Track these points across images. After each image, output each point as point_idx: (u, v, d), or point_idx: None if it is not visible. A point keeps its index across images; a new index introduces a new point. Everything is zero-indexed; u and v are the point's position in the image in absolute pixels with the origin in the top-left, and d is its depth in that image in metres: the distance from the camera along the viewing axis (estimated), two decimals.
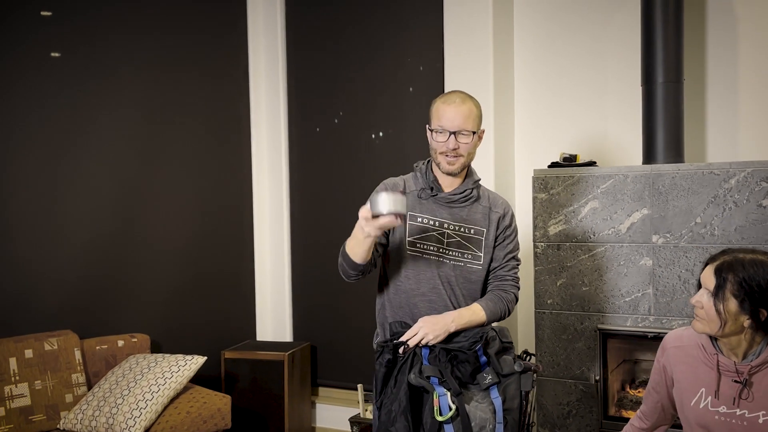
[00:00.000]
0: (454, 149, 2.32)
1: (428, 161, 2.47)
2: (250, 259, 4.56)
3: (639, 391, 3.48)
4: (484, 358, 2.22)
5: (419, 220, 2.39)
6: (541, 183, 3.45)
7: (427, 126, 2.41)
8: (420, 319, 2.28)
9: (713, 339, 2.04)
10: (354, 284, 4.33)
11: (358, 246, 2.25)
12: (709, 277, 1.96)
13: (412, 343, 2.23)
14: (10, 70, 3.35)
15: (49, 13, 3.47)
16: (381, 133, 4.30)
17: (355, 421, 3.88)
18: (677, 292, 3.19)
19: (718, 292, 1.92)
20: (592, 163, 3.45)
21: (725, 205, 3.09)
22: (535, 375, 2.24)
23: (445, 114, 2.33)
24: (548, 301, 3.46)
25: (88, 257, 3.65)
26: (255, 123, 4.56)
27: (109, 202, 3.74)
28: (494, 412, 2.13)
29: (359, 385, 4.03)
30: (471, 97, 2.38)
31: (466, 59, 3.78)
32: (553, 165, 3.50)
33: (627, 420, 3.00)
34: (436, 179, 2.43)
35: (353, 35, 4.34)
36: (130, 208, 3.84)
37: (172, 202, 4.06)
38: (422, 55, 4.13)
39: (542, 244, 3.46)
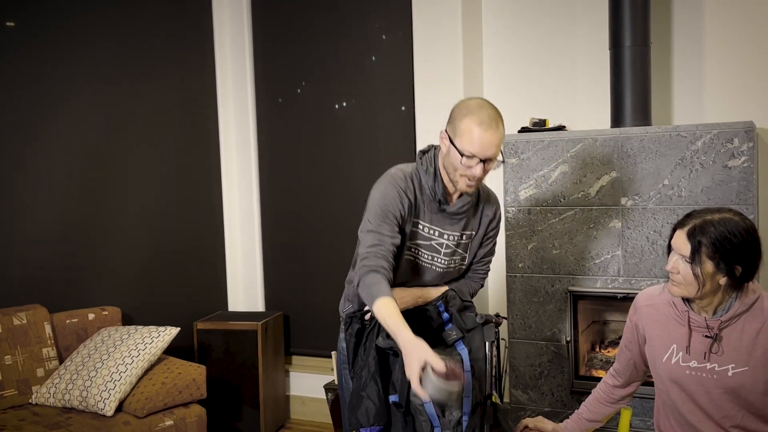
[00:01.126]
0: (480, 176, 2.19)
1: (436, 171, 2.28)
2: (220, 231, 4.52)
3: (609, 351, 3.55)
4: (446, 315, 2.29)
5: (420, 227, 2.33)
6: (511, 147, 3.47)
7: (448, 136, 2.19)
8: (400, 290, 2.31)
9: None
10: (326, 254, 4.38)
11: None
12: (682, 243, 1.97)
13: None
14: None
15: None
16: (345, 103, 4.27)
17: (329, 387, 3.91)
18: (645, 254, 3.25)
19: (694, 257, 1.93)
20: (561, 128, 3.48)
21: (692, 166, 3.14)
22: (497, 327, 2.32)
23: (481, 141, 2.12)
24: (519, 265, 3.50)
25: (56, 231, 3.58)
26: (222, 94, 4.50)
27: (77, 175, 3.67)
28: (461, 362, 2.18)
29: (333, 353, 4.04)
30: (500, 114, 2.18)
31: (434, 27, 3.76)
32: (523, 130, 3.52)
33: (598, 379, 3.06)
34: (444, 192, 2.29)
35: (318, 4, 4.29)
36: (98, 181, 3.77)
37: (141, 175, 4.00)
38: (386, 24, 4.11)
39: (513, 208, 3.48)
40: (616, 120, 3.38)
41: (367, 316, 2.29)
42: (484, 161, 2.16)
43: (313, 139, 4.38)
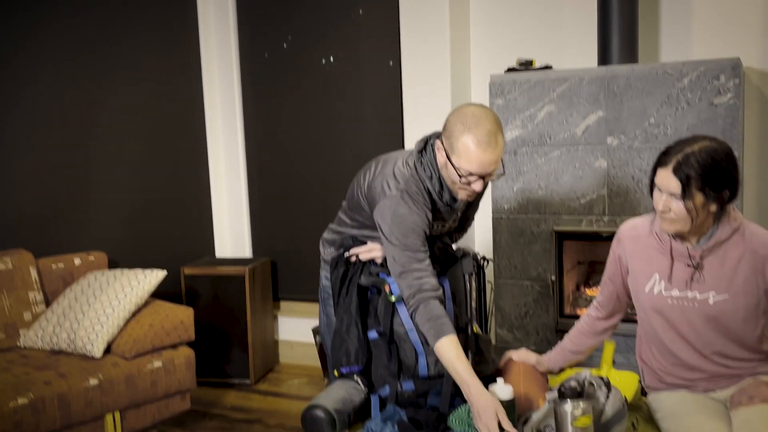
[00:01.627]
0: (480, 191, 2.15)
1: (440, 179, 2.19)
2: (205, 177, 4.50)
3: (593, 291, 3.58)
4: None
5: (433, 227, 2.29)
6: (497, 88, 3.44)
7: (443, 146, 2.12)
8: (370, 242, 2.34)
9: None
10: (311, 201, 4.37)
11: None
12: (668, 180, 1.93)
13: (363, 258, 2.32)
14: None
15: None
16: (332, 58, 4.22)
17: (317, 330, 3.93)
18: (631, 192, 3.25)
19: (685, 192, 1.92)
20: (548, 67, 3.45)
21: (678, 104, 3.13)
22: (474, 261, 2.39)
23: (478, 160, 2.04)
24: (505, 206, 3.50)
25: (41, 176, 3.55)
26: (205, 44, 4.43)
27: (63, 120, 3.63)
28: (443, 290, 2.21)
29: None
30: (500, 128, 2.08)
31: None
32: (510, 70, 3.49)
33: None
34: (451, 196, 2.23)
35: None
36: (85, 126, 3.73)
37: (127, 121, 3.97)
38: None
39: None
40: (603, 59, 3.36)
41: (352, 258, 2.33)
42: (484, 176, 2.10)
43: (299, 92, 4.33)
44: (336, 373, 2.27)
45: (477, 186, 2.10)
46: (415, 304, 2.09)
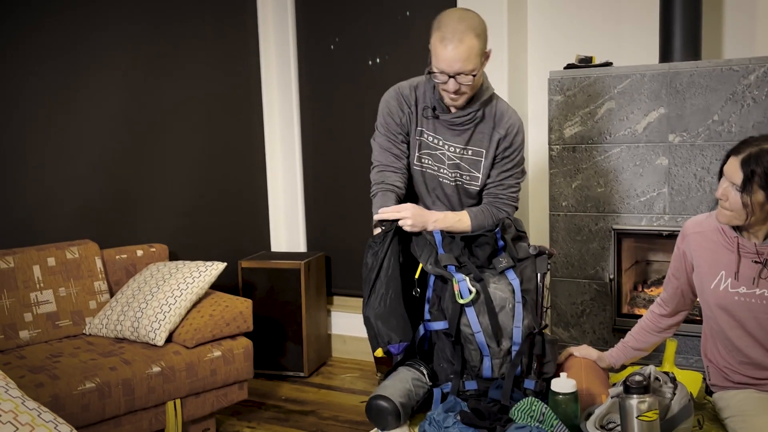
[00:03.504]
0: (456, 90, 2.21)
1: None
2: (262, 173, 4.57)
3: (652, 291, 3.54)
4: (501, 242, 2.27)
5: (425, 136, 2.38)
6: (557, 85, 3.42)
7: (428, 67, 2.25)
8: (408, 204, 2.31)
9: None
10: (363, 197, 4.38)
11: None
12: (734, 170, 1.93)
13: (390, 218, 2.29)
14: None
15: None
16: (378, 59, 4.25)
17: None
18: (692, 191, 3.20)
19: (745, 186, 1.90)
20: (608, 64, 3.42)
21: (743, 101, 3.07)
22: (549, 258, 2.30)
23: (443, 56, 2.15)
24: (563, 204, 3.48)
25: (105, 169, 3.66)
26: (263, 39, 4.50)
27: (124, 116, 3.73)
28: (513, 291, 2.18)
29: None
30: (472, 25, 2.15)
31: None
32: (569, 66, 3.47)
33: (640, 317, 3.05)
34: (441, 99, 2.32)
35: None
36: (144, 121, 3.83)
37: (185, 117, 4.05)
38: None
39: (557, 146, 3.45)
40: (665, 55, 3.31)
41: (380, 221, 2.34)
42: (454, 76, 2.17)
43: (351, 91, 4.38)
44: (380, 353, 2.22)
45: (450, 85, 2.18)
46: (374, 191, 2.41)
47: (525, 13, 3.90)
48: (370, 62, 4.28)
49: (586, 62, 3.45)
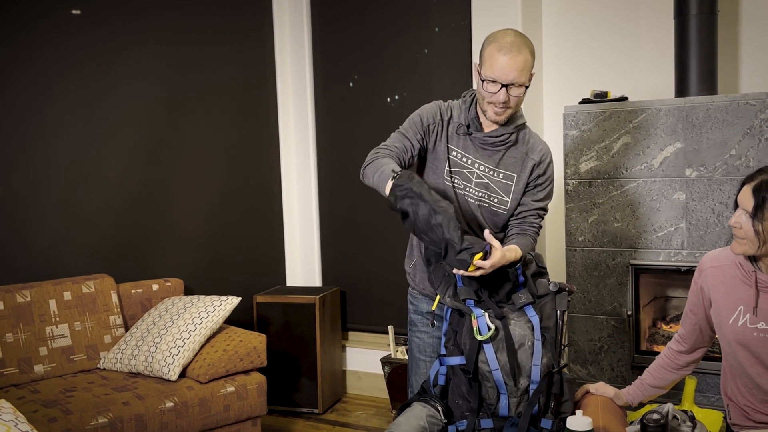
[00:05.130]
0: (504, 102, 2.23)
1: (473, 96, 2.37)
2: (278, 209, 4.59)
3: (671, 327, 3.48)
4: (522, 278, 2.23)
5: (455, 154, 2.37)
6: (572, 119, 3.42)
7: (477, 66, 2.28)
8: (495, 250, 2.11)
9: (751, 257, 2.03)
10: (381, 233, 4.39)
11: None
12: (747, 198, 1.94)
13: (477, 274, 2.11)
14: (34, 30, 3.35)
15: None
16: (396, 96, 4.29)
17: (386, 361, 3.93)
18: (711, 226, 3.17)
19: (756, 213, 1.90)
20: (623, 99, 3.42)
21: (761, 135, 3.05)
22: (569, 295, 2.25)
23: (499, 65, 2.17)
24: (579, 239, 3.45)
25: (122, 205, 3.69)
26: (281, 74, 4.55)
27: (141, 152, 3.77)
28: (532, 329, 2.14)
29: (390, 327, 4.08)
30: (527, 42, 2.21)
31: (493, 11, 3.70)
32: (584, 101, 3.47)
33: (659, 354, 3.00)
34: (476, 118, 2.34)
35: (375, 2, 4.33)
36: (161, 157, 3.87)
37: (202, 152, 4.09)
38: (438, 16, 4.10)
39: (573, 181, 3.44)
40: (681, 90, 3.30)
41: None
42: (507, 86, 2.19)
43: (368, 128, 4.40)
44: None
45: (500, 96, 2.20)
46: (368, 161, 2.37)
47: (540, 47, 3.91)
48: (388, 99, 4.31)
49: (601, 97, 3.45)
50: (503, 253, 2.13)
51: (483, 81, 2.22)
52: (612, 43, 3.77)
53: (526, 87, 2.26)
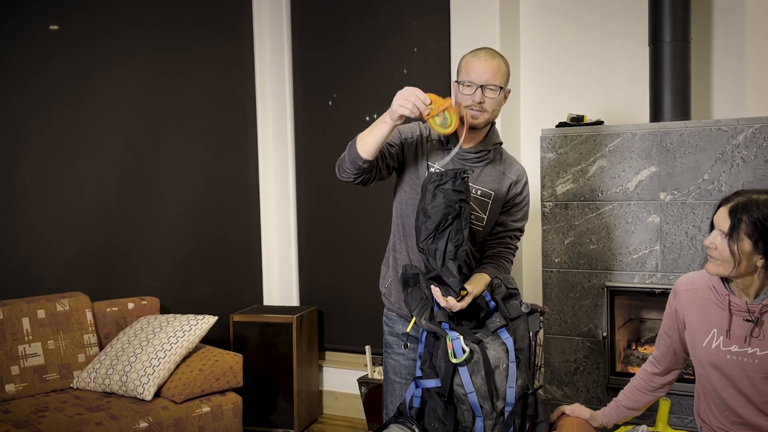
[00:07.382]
0: (480, 103, 2.30)
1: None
2: (256, 227, 4.58)
3: (645, 349, 3.51)
4: (493, 303, 2.26)
5: (432, 169, 2.40)
6: (548, 143, 3.47)
7: (455, 80, 2.38)
8: (469, 296, 2.26)
9: (725, 280, 2.06)
10: (359, 253, 4.40)
11: (378, 132, 2.24)
12: (723, 219, 1.97)
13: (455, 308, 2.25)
14: (13, 45, 3.34)
15: None
16: (375, 115, 4.32)
17: (363, 381, 3.92)
18: (684, 249, 3.22)
19: (732, 233, 1.93)
20: (599, 123, 3.47)
21: (733, 161, 3.11)
22: (542, 316, 2.28)
23: (474, 67, 2.30)
24: (556, 260, 3.48)
25: (97, 222, 3.66)
26: (260, 91, 4.56)
27: (117, 169, 3.75)
28: (507, 351, 2.16)
29: (367, 347, 4.07)
30: (500, 55, 2.36)
31: (472, 34, 3.75)
32: (561, 125, 3.52)
33: (634, 375, 3.03)
34: (455, 133, 2.39)
35: (354, 22, 4.37)
36: (138, 174, 3.85)
37: (179, 169, 4.07)
38: (418, 37, 4.15)
39: (550, 203, 3.48)
40: (655, 115, 3.36)
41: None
42: (482, 87, 2.28)
43: (346, 146, 4.38)
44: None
45: (477, 96, 2.28)
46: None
47: (518, 70, 3.97)
48: (367, 118, 4.34)
49: (577, 120, 3.50)
50: (473, 296, 2.27)
51: (460, 85, 2.32)
52: (588, 68, 3.83)
53: (504, 95, 2.35)
